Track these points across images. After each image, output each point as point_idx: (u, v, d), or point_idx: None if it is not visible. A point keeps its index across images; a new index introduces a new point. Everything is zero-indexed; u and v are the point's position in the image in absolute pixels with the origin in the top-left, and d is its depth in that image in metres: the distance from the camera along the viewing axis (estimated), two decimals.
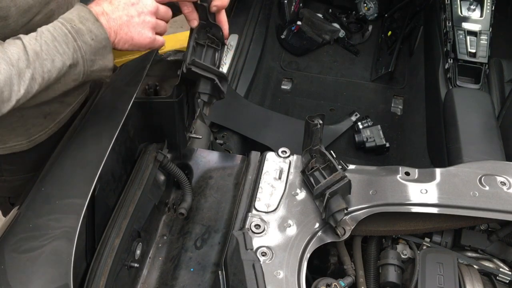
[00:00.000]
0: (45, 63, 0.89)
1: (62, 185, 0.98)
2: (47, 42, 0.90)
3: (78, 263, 0.89)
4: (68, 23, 0.93)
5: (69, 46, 0.92)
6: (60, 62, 0.91)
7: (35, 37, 0.90)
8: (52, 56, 0.90)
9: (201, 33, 1.12)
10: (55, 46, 0.90)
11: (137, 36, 1.00)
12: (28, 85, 0.87)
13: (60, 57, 0.91)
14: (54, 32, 0.92)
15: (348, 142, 2.35)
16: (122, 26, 0.99)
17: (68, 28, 0.93)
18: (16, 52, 0.87)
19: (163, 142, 1.25)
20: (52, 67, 0.90)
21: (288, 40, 2.74)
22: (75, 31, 0.93)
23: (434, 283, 1.01)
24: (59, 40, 0.91)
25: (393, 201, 1.08)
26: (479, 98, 1.86)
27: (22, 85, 0.86)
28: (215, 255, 1.18)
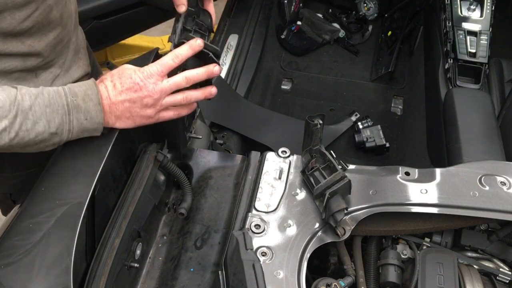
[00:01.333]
0: (27, 122, 0.89)
1: (62, 185, 0.98)
2: (40, 105, 0.90)
3: (78, 263, 0.89)
4: (70, 95, 0.94)
5: (59, 117, 0.92)
6: (42, 127, 0.91)
7: (30, 95, 0.90)
8: (37, 119, 0.90)
9: (189, 20, 1.11)
10: (45, 112, 0.90)
11: (139, 119, 1.02)
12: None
13: (44, 123, 0.91)
14: (53, 98, 0.92)
15: (348, 142, 2.35)
16: (124, 112, 1.00)
17: (68, 101, 0.93)
18: (2, 99, 0.86)
19: (163, 142, 1.25)
20: (31, 129, 0.90)
21: (288, 40, 2.74)
22: (73, 106, 0.94)
23: (434, 283, 1.01)
24: (53, 108, 0.91)
25: (393, 201, 1.08)
26: (479, 98, 1.86)
27: None
28: (215, 255, 1.18)
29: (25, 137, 0.90)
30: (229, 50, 2.33)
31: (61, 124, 0.93)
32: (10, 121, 0.86)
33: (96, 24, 1.93)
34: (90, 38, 1.84)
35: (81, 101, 0.95)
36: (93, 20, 1.92)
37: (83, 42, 1.29)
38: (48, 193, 0.97)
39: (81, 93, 0.95)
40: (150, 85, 0.99)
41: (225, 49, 2.33)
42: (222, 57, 2.30)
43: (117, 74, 1.00)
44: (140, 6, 2.02)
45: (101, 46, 2.22)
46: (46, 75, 1.11)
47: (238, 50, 2.35)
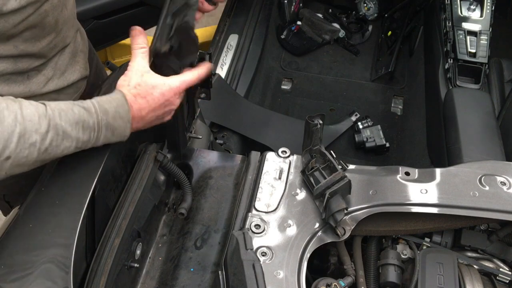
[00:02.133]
0: (57, 138, 0.88)
1: (62, 185, 0.98)
2: (70, 121, 0.89)
3: (78, 263, 0.89)
4: (101, 113, 0.93)
5: (87, 134, 0.91)
6: (69, 142, 0.90)
7: (60, 111, 0.88)
8: (67, 136, 0.89)
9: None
10: (75, 129, 0.89)
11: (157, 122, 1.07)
12: (26, 148, 0.84)
13: (72, 139, 0.90)
14: (82, 116, 0.91)
15: (348, 142, 2.35)
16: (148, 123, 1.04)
17: (98, 119, 0.92)
18: (31, 113, 0.85)
19: (163, 142, 1.25)
20: (60, 144, 0.89)
21: (288, 40, 2.74)
22: (103, 124, 0.93)
23: (434, 283, 1.01)
24: (83, 125, 0.91)
25: (393, 201, 1.08)
26: (479, 98, 1.87)
27: (20, 145, 0.83)
28: (215, 255, 1.18)
29: (52, 152, 0.89)
30: (229, 50, 2.33)
31: (88, 140, 0.93)
32: (41, 136, 0.85)
33: (96, 24, 1.93)
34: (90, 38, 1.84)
35: (111, 119, 0.94)
36: (93, 20, 1.92)
37: (83, 46, 1.28)
38: (48, 193, 0.97)
39: (112, 111, 0.94)
40: (176, 100, 1.06)
41: (225, 49, 2.33)
42: (222, 57, 2.30)
43: (149, 88, 1.00)
44: (140, 6, 2.02)
45: (101, 46, 2.22)
46: (38, 77, 1.09)
47: (238, 50, 2.34)
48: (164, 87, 1.02)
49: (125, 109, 0.97)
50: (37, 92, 1.10)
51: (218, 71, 2.22)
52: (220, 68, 2.24)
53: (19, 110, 0.84)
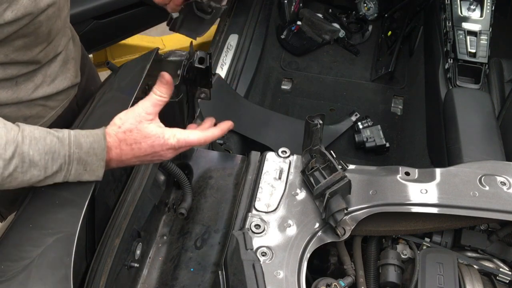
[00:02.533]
0: (23, 165, 0.85)
1: (62, 185, 0.98)
2: (39, 151, 0.86)
3: (78, 263, 0.89)
4: (74, 146, 0.89)
5: (57, 165, 0.88)
6: (38, 171, 0.87)
7: (31, 139, 0.85)
8: (34, 164, 0.86)
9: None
10: (44, 158, 0.86)
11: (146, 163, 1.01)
12: None
13: (41, 168, 0.87)
14: (54, 146, 0.87)
15: (348, 142, 2.35)
16: (136, 164, 0.98)
17: (70, 152, 0.89)
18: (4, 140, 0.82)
19: None
20: (26, 171, 0.86)
21: (288, 40, 2.74)
22: (74, 158, 0.89)
23: (434, 283, 1.01)
24: (53, 156, 0.87)
25: (393, 201, 1.08)
26: (479, 98, 1.86)
27: None
28: (215, 255, 1.18)
29: (19, 178, 0.86)
30: (229, 50, 2.33)
31: (58, 171, 0.89)
32: (4, 162, 0.82)
33: (96, 24, 1.93)
34: (90, 38, 1.84)
35: (84, 154, 0.90)
36: (93, 20, 1.92)
37: (75, 53, 1.26)
38: (48, 193, 0.97)
39: (87, 146, 0.90)
40: (168, 154, 0.98)
41: (225, 49, 2.33)
42: (222, 57, 2.30)
43: (139, 137, 0.94)
44: (140, 6, 2.02)
45: (101, 46, 2.22)
46: (27, 84, 1.08)
47: (238, 50, 2.34)
48: (157, 141, 0.95)
49: (101, 147, 0.91)
50: (25, 98, 1.09)
51: (218, 71, 2.22)
52: (220, 68, 2.24)
53: None
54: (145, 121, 0.94)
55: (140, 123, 0.94)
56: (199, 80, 1.21)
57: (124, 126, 0.94)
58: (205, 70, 1.15)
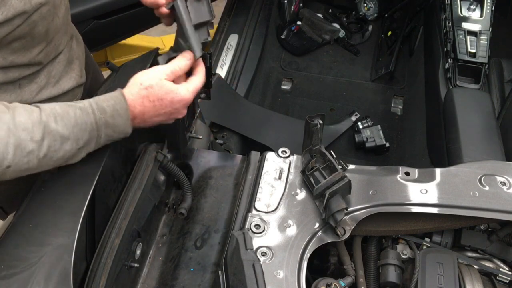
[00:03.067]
0: (54, 144, 0.87)
1: (62, 185, 0.98)
2: (66, 125, 0.88)
3: (78, 263, 0.89)
4: (99, 112, 0.92)
5: (86, 134, 0.91)
6: (70, 145, 0.89)
7: (55, 116, 0.87)
8: (65, 139, 0.88)
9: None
10: (72, 132, 0.89)
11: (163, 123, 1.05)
12: (25, 156, 0.84)
13: (72, 142, 0.89)
14: (79, 118, 0.90)
15: (348, 142, 2.35)
16: (151, 124, 1.03)
17: (96, 119, 0.92)
18: (24, 121, 0.84)
19: (163, 142, 1.25)
20: (59, 149, 0.88)
21: (288, 40, 2.74)
22: (102, 123, 0.93)
23: (434, 283, 1.01)
24: (81, 127, 0.90)
25: (393, 201, 1.08)
26: (479, 98, 1.86)
27: (17, 155, 0.83)
28: (215, 255, 1.18)
29: (54, 157, 0.88)
30: (229, 50, 2.33)
31: (90, 140, 0.93)
32: (37, 144, 0.85)
33: (96, 24, 1.93)
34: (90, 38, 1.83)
35: (110, 118, 0.94)
36: (93, 20, 1.92)
37: (79, 52, 1.26)
38: (48, 193, 0.97)
39: (110, 109, 0.94)
40: (183, 110, 1.05)
41: (225, 49, 2.33)
42: (222, 57, 2.30)
43: (161, 93, 0.99)
44: (140, 6, 2.01)
45: (101, 46, 2.22)
46: (31, 86, 1.08)
47: (238, 50, 2.34)
48: (176, 96, 1.00)
49: (123, 107, 0.96)
50: (29, 100, 1.08)
51: (218, 71, 2.22)
52: (220, 68, 2.24)
53: (11, 120, 0.83)
54: (163, 79, 0.99)
55: (160, 80, 0.99)
56: None
57: (145, 82, 0.98)
58: (205, 70, 1.15)
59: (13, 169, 0.84)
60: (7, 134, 0.82)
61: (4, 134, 0.82)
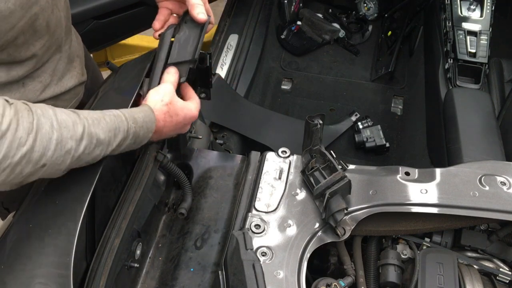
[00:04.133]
0: (90, 146, 0.88)
1: (62, 185, 0.98)
2: (103, 129, 0.89)
3: (78, 263, 0.89)
4: (131, 121, 0.95)
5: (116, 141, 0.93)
6: (100, 149, 0.91)
7: (93, 119, 0.89)
8: (100, 143, 0.89)
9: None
10: (108, 136, 0.90)
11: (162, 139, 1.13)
12: (62, 155, 0.83)
13: (103, 147, 0.91)
14: (114, 123, 0.92)
15: (348, 142, 2.35)
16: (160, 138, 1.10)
17: (128, 127, 0.94)
18: (66, 119, 0.84)
19: (163, 142, 1.25)
20: (92, 151, 0.89)
21: (288, 40, 2.74)
22: (132, 132, 0.95)
23: (434, 283, 1.01)
24: (115, 132, 0.92)
25: (393, 201, 1.08)
26: (479, 98, 1.86)
27: (57, 152, 0.82)
28: (215, 255, 1.18)
29: (83, 160, 0.89)
30: (229, 50, 2.33)
31: (117, 147, 0.94)
32: (76, 142, 0.85)
33: (96, 24, 1.93)
34: (90, 38, 1.83)
35: (138, 128, 0.97)
36: (93, 20, 1.92)
37: (79, 50, 1.26)
38: (48, 193, 0.97)
39: (140, 121, 0.97)
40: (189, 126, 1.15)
41: (225, 49, 2.33)
42: (222, 57, 2.30)
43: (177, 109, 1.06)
44: (140, 6, 2.02)
45: (101, 46, 2.22)
46: (34, 84, 1.08)
47: (238, 50, 2.34)
48: (188, 113, 1.08)
49: (151, 120, 1.00)
50: (34, 99, 1.08)
51: (218, 71, 2.22)
52: (220, 68, 2.24)
53: (54, 116, 0.83)
54: (174, 96, 1.06)
55: (174, 97, 1.06)
56: (199, 80, 1.21)
57: (165, 99, 1.04)
58: (205, 70, 1.15)
59: (45, 169, 0.83)
60: (51, 129, 0.81)
61: (48, 129, 0.81)
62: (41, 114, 0.81)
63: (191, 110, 1.09)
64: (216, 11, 1.21)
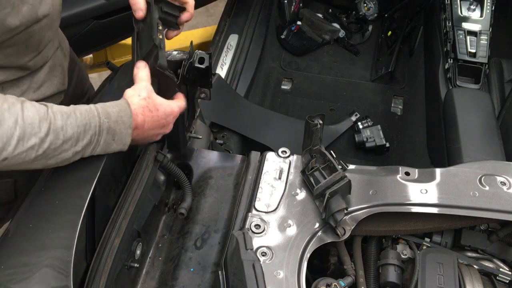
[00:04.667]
0: (56, 142, 0.87)
1: (62, 185, 0.98)
2: (71, 124, 0.88)
3: (78, 263, 0.89)
4: (104, 116, 0.93)
5: (87, 137, 0.91)
6: (69, 146, 0.89)
7: (62, 114, 0.88)
8: (67, 139, 0.88)
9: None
10: (76, 132, 0.89)
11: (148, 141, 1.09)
12: (24, 151, 0.84)
13: (72, 142, 0.89)
14: (85, 118, 0.90)
15: (348, 142, 2.35)
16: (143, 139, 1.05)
17: (100, 122, 0.92)
18: (32, 116, 0.84)
19: (163, 142, 1.25)
20: (59, 147, 0.88)
21: (288, 40, 2.74)
22: (105, 127, 0.93)
23: (434, 283, 1.01)
24: (85, 128, 0.90)
25: (393, 201, 1.08)
26: (479, 98, 1.87)
27: (18, 148, 0.83)
28: (215, 255, 1.18)
29: (50, 155, 0.88)
30: (229, 50, 2.33)
31: (88, 144, 0.92)
32: (40, 139, 0.85)
33: (96, 24, 1.93)
34: (90, 38, 1.83)
35: (113, 123, 0.94)
36: (93, 20, 1.92)
37: (63, 60, 1.27)
38: (48, 193, 0.97)
39: (114, 115, 0.95)
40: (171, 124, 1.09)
41: (225, 49, 2.33)
42: (222, 57, 2.30)
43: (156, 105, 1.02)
44: None
45: (101, 46, 2.22)
46: (13, 89, 1.08)
47: (238, 50, 2.34)
48: (167, 108, 1.05)
49: (127, 114, 0.97)
50: None
51: (218, 71, 2.22)
52: (220, 68, 2.24)
53: (20, 112, 0.83)
54: (152, 92, 1.03)
55: (151, 93, 1.03)
56: (199, 80, 1.21)
57: (141, 94, 1.01)
58: (205, 70, 1.15)
59: (6, 162, 0.84)
60: (14, 125, 0.82)
61: (11, 125, 0.81)
62: (6, 109, 0.82)
63: (170, 106, 1.05)
64: (216, 11, 1.21)
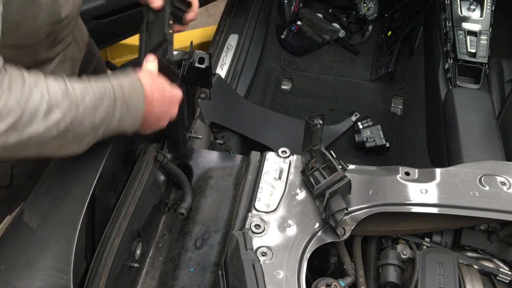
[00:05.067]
0: (77, 117, 0.85)
1: (62, 185, 0.98)
2: (90, 97, 0.86)
3: (78, 263, 0.89)
4: (117, 87, 0.91)
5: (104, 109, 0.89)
6: (87, 121, 0.87)
7: (80, 87, 0.86)
8: (87, 113, 0.86)
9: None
10: (93, 104, 0.87)
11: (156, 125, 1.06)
12: (50, 127, 0.81)
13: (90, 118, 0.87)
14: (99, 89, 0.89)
15: (348, 142, 2.35)
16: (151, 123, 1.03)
17: (114, 93, 0.90)
18: (55, 90, 0.82)
19: (163, 142, 1.25)
20: (80, 123, 0.86)
21: (288, 40, 2.74)
22: (119, 98, 0.91)
23: (434, 283, 1.01)
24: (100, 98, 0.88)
25: (393, 201, 1.08)
26: (479, 98, 1.87)
27: (44, 122, 0.80)
28: (215, 255, 1.18)
29: (70, 131, 0.85)
30: (229, 50, 2.33)
31: (105, 118, 0.89)
32: (63, 113, 0.82)
33: (96, 24, 1.93)
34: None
35: (127, 95, 0.93)
36: (93, 20, 1.92)
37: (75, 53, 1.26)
38: (48, 193, 0.97)
39: (127, 86, 0.93)
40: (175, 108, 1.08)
41: (225, 49, 2.33)
42: (222, 57, 2.30)
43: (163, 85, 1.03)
44: (140, 6, 2.02)
45: (101, 46, 2.22)
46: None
47: (238, 50, 2.34)
48: (172, 91, 1.05)
49: (140, 88, 0.96)
50: None
51: (218, 71, 2.22)
52: (220, 68, 2.24)
53: (45, 87, 0.81)
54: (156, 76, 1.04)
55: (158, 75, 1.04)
56: (199, 80, 1.21)
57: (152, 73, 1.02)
58: (205, 70, 1.15)
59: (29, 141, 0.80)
60: (41, 100, 0.79)
61: (38, 100, 0.79)
62: (33, 84, 0.80)
63: (175, 90, 1.06)
64: (216, 11, 1.22)
